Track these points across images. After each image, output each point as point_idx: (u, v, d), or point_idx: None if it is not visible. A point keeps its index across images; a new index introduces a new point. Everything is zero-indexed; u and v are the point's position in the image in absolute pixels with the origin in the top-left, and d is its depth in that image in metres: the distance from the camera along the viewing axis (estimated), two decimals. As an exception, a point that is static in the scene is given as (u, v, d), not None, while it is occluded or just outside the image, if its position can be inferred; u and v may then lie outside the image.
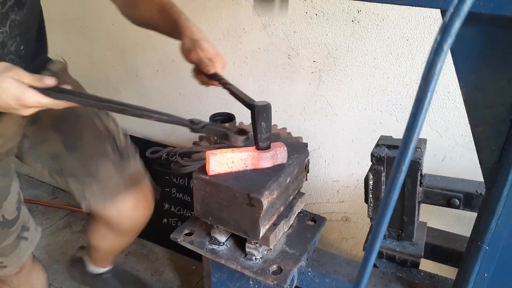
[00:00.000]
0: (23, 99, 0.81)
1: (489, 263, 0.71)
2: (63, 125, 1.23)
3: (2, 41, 0.99)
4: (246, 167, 0.91)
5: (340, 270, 0.99)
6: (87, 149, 1.23)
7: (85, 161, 1.23)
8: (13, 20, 0.99)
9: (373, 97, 1.51)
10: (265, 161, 0.91)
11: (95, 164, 1.23)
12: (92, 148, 1.24)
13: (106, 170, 1.24)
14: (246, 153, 0.89)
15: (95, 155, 1.23)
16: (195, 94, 1.95)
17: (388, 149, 0.96)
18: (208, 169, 0.88)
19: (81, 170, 1.23)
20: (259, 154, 0.90)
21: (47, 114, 1.17)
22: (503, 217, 0.66)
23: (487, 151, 0.66)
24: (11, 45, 1.02)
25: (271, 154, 0.91)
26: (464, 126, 1.40)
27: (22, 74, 0.82)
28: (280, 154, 0.93)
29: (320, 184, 1.76)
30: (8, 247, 1.21)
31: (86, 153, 1.23)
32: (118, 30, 2.03)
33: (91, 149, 1.24)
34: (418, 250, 1.01)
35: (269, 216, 0.89)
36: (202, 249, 0.99)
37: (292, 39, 1.57)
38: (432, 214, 1.55)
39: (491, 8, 0.50)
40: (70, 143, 1.23)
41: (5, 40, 0.99)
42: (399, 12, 1.35)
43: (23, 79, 0.82)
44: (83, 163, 1.23)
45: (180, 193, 2.11)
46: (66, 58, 2.46)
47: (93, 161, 1.23)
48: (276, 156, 0.92)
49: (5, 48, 1.00)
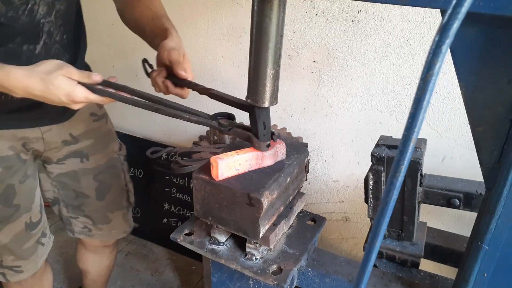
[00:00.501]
0: (73, 96, 0.86)
1: (489, 263, 0.71)
2: (101, 175, 1.35)
3: (49, 30, 1.02)
4: (251, 167, 0.91)
5: (340, 270, 0.99)
6: (111, 200, 1.40)
7: (105, 211, 1.40)
8: (58, 10, 1.02)
9: (373, 97, 1.51)
10: (268, 159, 0.92)
11: (111, 213, 1.41)
12: (115, 201, 1.41)
13: (118, 218, 1.44)
14: (251, 153, 0.90)
15: (114, 207, 1.42)
16: (195, 94, 1.95)
17: (388, 149, 0.96)
18: (217, 175, 0.87)
19: (99, 216, 1.40)
20: (262, 154, 0.91)
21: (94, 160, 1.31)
22: (503, 217, 0.66)
23: (487, 151, 0.66)
24: (57, 34, 1.05)
25: (272, 152, 0.92)
26: (464, 126, 1.40)
27: (72, 72, 0.87)
28: (280, 151, 0.95)
29: (320, 184, 1.76)
30: (28, 250, 1.25)
31: (109, 204, 1.40)
32: (118, 30, 2.03)
33: (113, 201, 1.41)
34: (418, 250, 1.01)
35: (269, 216, 0.89)
36: (202, 249, 0.99)
37: (292, 39, 1.57)
38: (432, 214, 1.55)
39: (491, 8, 0.50)
40: (101, 193, 1.37)
41: (51, 30, 1.03)
42: (399, 12, 1.35)
43: (73, 76, 0.86)
44: (104, 212, 1.40)
45: (180, 193, 2.11)
46: (66, 58, 2.46)
47: (110, 211, 1.41)
48: (277, 154, 0.94)
49: (51, 38, 1.04)
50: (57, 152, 1.26)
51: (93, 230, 1.41)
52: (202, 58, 1.83)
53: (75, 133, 1.27)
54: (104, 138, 1.35)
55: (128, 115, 2.27)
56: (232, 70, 1.78)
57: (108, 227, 1.42)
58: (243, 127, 0.93)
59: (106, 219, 1.41)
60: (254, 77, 0.84)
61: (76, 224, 1.41)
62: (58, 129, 1.22)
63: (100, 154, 1.34)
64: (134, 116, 2.25)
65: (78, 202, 1.36)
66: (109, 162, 1.37)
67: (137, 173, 2.23)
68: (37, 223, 1.26)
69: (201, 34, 1.78)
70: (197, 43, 1.81)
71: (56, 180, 1.32)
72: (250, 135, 0.90)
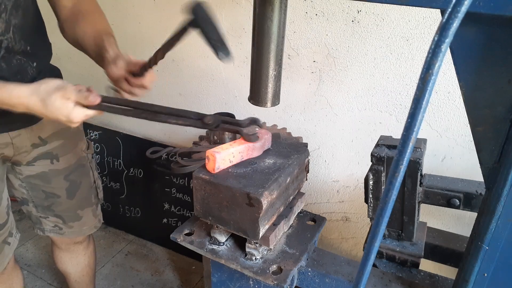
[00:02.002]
0: (71, 118, 0.90)
1: (489, 263, 0.71)
2: (71, 175, 1.36)
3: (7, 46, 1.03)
4: (242, 158, 0.95)
5: (340, 270, 0.99)
6: (81, 198, 1.42)
7: (76, 208, 1.42)
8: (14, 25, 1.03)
9: (373, 97, 1.51)
10: (257, 150, 0.97)
11: (81, 211, 1.44)
12: (84, 198, 1.43)
13: (88, 215, 1.46)
14: (243, 145, 0.94)
15: (84, 204, 1.44)
16: (195, 94, 1.95)
17: (388, 149, 0.96)
18: (214, 167, 0.90)
19: (70, 215, 1.42)
20: (253, 145, 0.95)
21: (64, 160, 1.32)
22: (503, 217, 0.66)
23: (487, 151, 0.66)
24: (18, 47, 1.06)
25: (261, 143, 0.97)
26: (464, 126, 1.40)
27: (70, 92, 0.89)
28: (267, 142, 1.00)
29: (320, 184, 1.76)
30: None
31: (79, 202, 1.42)
32: (118, 30, 2.02)
33: (83, 199, 1.43)
34: (418, 250, 1.01)
35: (269, 216, 0.89)
36: (202, 249, 0.99)
37: (292, 39, 1.57)
38: (432, 214, 1.55)
39: (491, 8, 0.50)
40: (72, 192, 1.38)
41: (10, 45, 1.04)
42: (399, 12, 1.35)
43: (71, 97, 0.89)
44: (74, 209, 1.42)
45: (180, 193, 2.11)
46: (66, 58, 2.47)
47: (81, 209, 1.43)
48: (264, 144, 0.99)
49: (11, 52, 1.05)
50: (26, 156, 1.26)
51: (63, 228, 1.42)
52: (202, 58, 1.84)
53: (44, 135, 1.26)
54: (73, 138, 1.36)
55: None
56: (232, 70, 1.78)
57: (78, 223, 1.44)
58: (229, 122, 0.94)
59: (77, 217, 1.43)
60: (256, 78, 0.85)
61: (46, 223, 1.42)
62: (27, 133, 1.21)
63: (70, 154, 1.34)
64: (134, 116, 2.24)
65: (48, 203, 1.37)
66: (79, 162, 1.38)
67: (137, 173, 2.23)
68: (4, 224, 1.26)
69: (201, 34, 1.78)
70: (197, 43, 1.81)
71: (25, 181, 1.32)
72: (239, 129, 0.92)
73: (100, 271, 2.14)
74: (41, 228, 1.43)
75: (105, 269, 2.15)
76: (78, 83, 0.96)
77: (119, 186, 2.32)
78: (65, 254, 1.56)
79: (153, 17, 1.90)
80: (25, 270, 2.12)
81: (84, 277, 1.65)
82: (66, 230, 1.43)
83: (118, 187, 2.33)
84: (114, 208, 2.39)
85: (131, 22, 1.96)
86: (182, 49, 1.88)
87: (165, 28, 1.87)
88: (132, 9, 1.93)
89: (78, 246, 1.55)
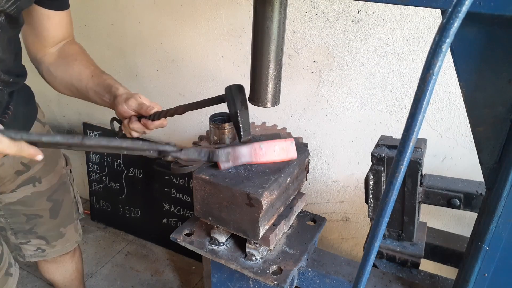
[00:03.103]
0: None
1: (489, 263, 0.71)
2: (54, 194, 1.34)
3: None
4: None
5: (340, 270, 0.99)
6: (63, 216, 1.40)
7: (59, 226, 1.40)
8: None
9: (373, 97, 1.51)
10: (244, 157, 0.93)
11: (64, 228, 1.42)
12: (66, 215, 1.41)
13: (70, 231, 1.45)
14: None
15: (66, 221, 1.42)
16: (195, 94, 1.95)
17: (388, 149, 0.96)
18: None
19: (53, 234, 1.39)
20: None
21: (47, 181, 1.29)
22: (503, 217, 0.66)
23: (487, 151, 0.66)
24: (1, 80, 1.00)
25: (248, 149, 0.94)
26: (464, 126, 1.39)
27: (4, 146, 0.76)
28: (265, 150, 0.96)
29: (320, 184, 1.76)
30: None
31: (62, 219, 1.40)
32: (118, 30, 2.03)
33: (65, 216, 1.41)
34: (418, 250, 1.01)
35: (269, 216, 0.89)
36: (202, 249, 0.99)
37: (292, 39, 1.57)
38: (432, 214, 1.54)
39: (491, 8, 0.50)
40: (55, 211, 1.36)
41: None
42: (399, 12, 1.35)
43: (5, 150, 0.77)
44: (57, 228, 1.40)
45: (180, 193, 2.11)
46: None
47: (63, 226, 1.41)
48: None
49: None
50: (10, 184, 1.22)
51: (46, 249, 1.40)
52: (202, 58, 1.83)
53: (26, 160, 1.21)
54: (53, 157, 1.33)
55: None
56: (232, 70, 1.78)
57: (61, 241, 1.42)
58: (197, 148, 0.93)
59: (60, 235, 1.41)
60: (256, 78, 0.85)
61: (27, 249, 1.38)
62: (9, 161, 1.17)
63: (51, 174, 1.32)
64: (134, 116, 2.24)
65: (30, 225, 1.33)
66: (60, 180, 1.36)
67: (137, 173, 2.23)
68: (1, 256, 1.21)
69: (201, 34, 1.78)
70: (197, 43, 1.81)
71: (4, 209, 1.28)
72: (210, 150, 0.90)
73: (100, 271, 2.14)
74: (21, 254, 1.39)
75: (105, 269, 2.15)
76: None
77: (119, 186, 2.32)
78: (51, 265, 1.53)
79: (153, 17, 1.89)
80: (25, 270, 2.12)
81: (73, 281, 1.62)
82: (49, 251, 1.40)
83: (118, 187, 2.32)
84: (114, 208, 2.39)
85: (131, 22, 1.96)
86: (182, 49, 1.89)
87: (165, 28, 1.87)
88: (132, 9, 1.93)
89: (64, 256, 1.52)
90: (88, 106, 2.37)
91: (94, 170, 2.37)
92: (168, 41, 1.90)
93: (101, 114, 2.35)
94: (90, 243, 2.32)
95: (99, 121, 2.35)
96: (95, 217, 2.49)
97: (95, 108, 2.33)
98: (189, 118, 2.03)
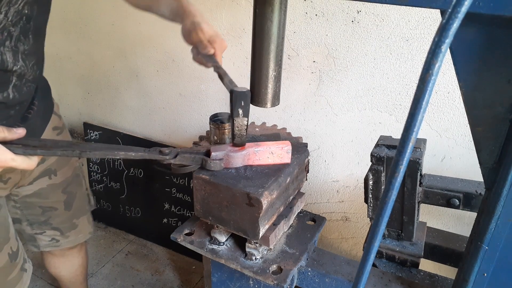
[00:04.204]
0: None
1: (489, 263, 0.71)
2: (69, 187, 1.36)
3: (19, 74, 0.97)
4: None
5: (340, 270, 0.99)
6: (76, 207, 1.42)
7: (72, 218, 1.42)
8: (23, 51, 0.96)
9: (373, 97, 1.51)
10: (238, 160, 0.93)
11: (77, 220, 1.44)
12: (80, 207, 1.44)
13: (83, 222, 1.47)
14: None
15: (80, 213, 1.44)
16: (195, 94, 1.95)
17: (387, 149, 0.96)
18: None
19: (67, 225, 1.42)
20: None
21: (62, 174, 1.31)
22: (503, 217, 0.66)
23: (486, 151, 0.66)
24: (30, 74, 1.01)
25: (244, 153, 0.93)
26: (464, 126, 1.40)
27: None
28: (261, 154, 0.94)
29: (320, 184, 1.76)
30: (14, 280, 1.22)
31: (75, 211, 1.42)
32: (118, 30, 2.03)
33: (79, 208, 1.43)
34: (418, 250, 1.01)
35: (269, 216, 0.89)
36: (202, 249, 0.99)
37: (292, 39, 1.57)
38: (432, 214, 1.55)
39: (491, 9, 0.50)
40: (69, 203, 1.38)
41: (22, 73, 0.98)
42: (399, 12, 1.35)
43: None
44: (71, 220, 1.42)
45: (180, 193, 2.11)
46: (66, 58, 2.47)
47: (76, 218, 1.44)
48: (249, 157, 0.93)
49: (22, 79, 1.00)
50: (28, 177, 1.24)
51: (60, 240, 1.42)
52: (202, 58, 1.83)
53: None
54: None
55: (128, 115, 2.27)
56: (232, 70, 1.78)
57: (75, 232, 1.44)
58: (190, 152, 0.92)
59: (73, 226, 1.43)
60: (256, 78, 0.85)
61: (41, 239, 1.40)
62: None
63: (66, 167, 1.34)
64: (134, 116, 2.25)
65: (45, 217, 1.35)
66: (74, 172, 1.39)
67: (137, 173, 2.23)
68: (17, 251, 1.22)
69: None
70: (197, 43, 1.81)
71: (20, 202, 1.30)
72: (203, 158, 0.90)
73: (100, 271, 2.14)
74: (36, 244, 1.41)
75: (105, 269, 2.15)
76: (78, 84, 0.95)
77: (119, 186, 2.32)
78: (58, 259, 1.55)
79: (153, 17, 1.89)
80: (25, 270, 2.12)
81: (78, 276, 1.64)
82: (63, 241, 1.43)
83: (118, 187, 2.33)
84: (114, 208, 2.39)
85: (131, 22, 1.96)
86: (182, 49, 1.89)
87: (165, 28, 1.87)
88: (132, 9, 1.93)
89: (72, 250, 1.54)
90: (89, 107, 2.38)
91: (95, 170, 2.37)
92: (168, 41, 1.90)
93: (101, 114, 2.35)
94: (91, 242, 2.32)
95: (99, 121, 2.35)
96: (95, 217, 2.48)
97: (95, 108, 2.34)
98: (189, 118, 2.03)
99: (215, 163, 0.90)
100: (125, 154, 0.86)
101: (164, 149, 0.89)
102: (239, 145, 0.91)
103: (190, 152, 0.92)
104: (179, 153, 0.90)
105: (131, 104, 2.22)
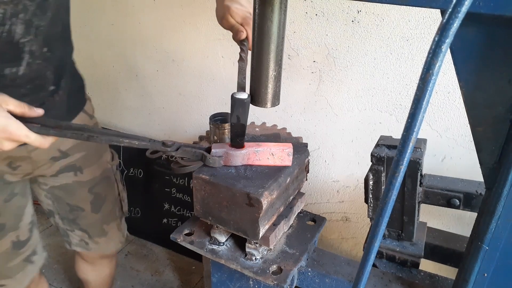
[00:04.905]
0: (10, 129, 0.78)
1: (489, 263, 0.71)
2: (96, 187, 1.33)
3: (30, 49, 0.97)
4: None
5: (340, 270, 0.99)
6: (106, 212, 1.38)
7: (101, 223, 1.39)
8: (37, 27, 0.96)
9: (373, 97, 1.51)
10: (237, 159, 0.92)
11: (107, 225, 1.40)
12: (109, 212, 1.40)
13: (113, 230, 1.43)
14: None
15: (110, 219, 1.41)
16: (195, 94, 1.95)
17: (388, 149, 0.96)
18: None
19: (95, 230, 1.39)
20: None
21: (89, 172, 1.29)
22: (503, 217, 0.66)
23: (487, 151, 0.66)
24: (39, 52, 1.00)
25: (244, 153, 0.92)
26: (464, 126, 1.40)
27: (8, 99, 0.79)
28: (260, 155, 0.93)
29: (320, 184, 1.76)
30: (14, 268, 1.22)
31: (104, 216, 1.38)
32: (118, 30, 2.03)
33: (108, 213, 1.40)
34: (418, 250, 1.01)
35: (269, 216, 0.89)
36: (202, 249, 0.99)
37: (292, 39, 1.57)
38: (432, 214, 1.55)
39: (491, 8, 0.50)
40: (97, 205, 1.35)
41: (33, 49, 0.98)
42: (399, 12, 1.35)
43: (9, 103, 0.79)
44: (99, 224, 1.38)
45: (180, 193, 2.11)
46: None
47: (106, 223, 1.40)
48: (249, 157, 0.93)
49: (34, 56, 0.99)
50: (48, 169, 1.22)
51: (90, 243, 1.40)
52: (202, 58, 1.84)
53: (64, 148, 1.22)
54: (97, 150, 1.33)
55: (128, 115, 2.27)
56: (232, 70, 1.78)
57: (105, 239, 1.41)
58: (191, 146, 0.92)
59: (103, 232, 1.40)
60: (256, 78, 0.85)
61: (73, 237, 1.39)
62: None
63: (94, 166, 1.32)
64: (134, 116, 2.25)
65: (73, 216, 1.34)
66: (104, 174, 1.35)
67: (137, 173, 2.23)
68: (26, 241, 1.22)
69: (201, 34, 1.78)
70: (197, 43, 1.82)
71: (50, 192, 1.30)
72: (203, 153, 0.90)
73: (100, 271, 2.14)
74: (69, 241, 1.41)
75: (105, 269, 2.15)
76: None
77: (119, 186, 2.32)
78: (89, 266, 1.54)
79: (153, 17, 1.90)
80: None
81: (103, 285, 1.64)
82: (92, 246, 1.40)
83: (118, 187, 2.33)
84: (114, 208, 2.39)
85: (131, 22, 1.96)
86: (182, 49, 1.89)
87: (165, 28, 1.87)
88: (132, 9, 1.93)
89: (104, 259, 1.52)
90: (88, 106, 2.38)
91: (94, 170, 2.37)
92: (168, 41, 1.90)
93: (101, 114, 2.35)
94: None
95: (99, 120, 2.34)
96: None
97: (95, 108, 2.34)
98: (189, 118, 2.03)
99: (214, 159, 0.90)
100: (129, 142, 0.88)
101: (167, 141, 0.90)
102: (237, 147, 0.92)
103: (192, 146, 0.92)
104: (181, 147, 0.91)
105: (131, 104, 2.22)
